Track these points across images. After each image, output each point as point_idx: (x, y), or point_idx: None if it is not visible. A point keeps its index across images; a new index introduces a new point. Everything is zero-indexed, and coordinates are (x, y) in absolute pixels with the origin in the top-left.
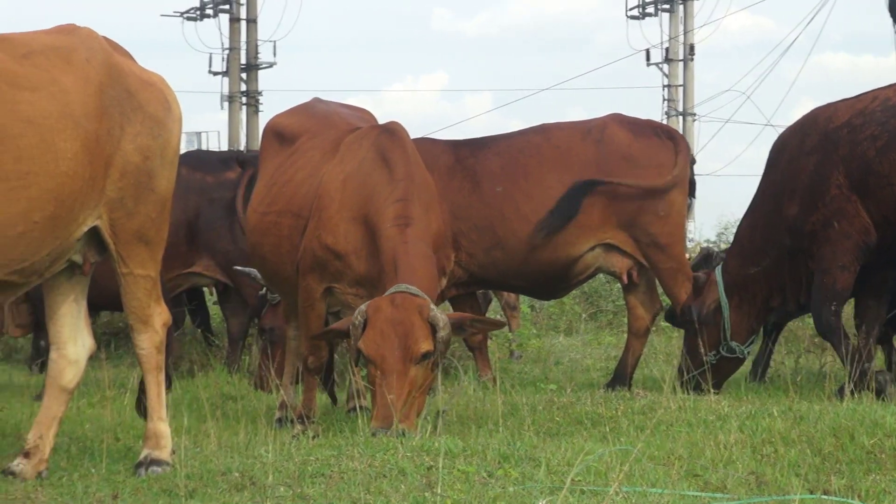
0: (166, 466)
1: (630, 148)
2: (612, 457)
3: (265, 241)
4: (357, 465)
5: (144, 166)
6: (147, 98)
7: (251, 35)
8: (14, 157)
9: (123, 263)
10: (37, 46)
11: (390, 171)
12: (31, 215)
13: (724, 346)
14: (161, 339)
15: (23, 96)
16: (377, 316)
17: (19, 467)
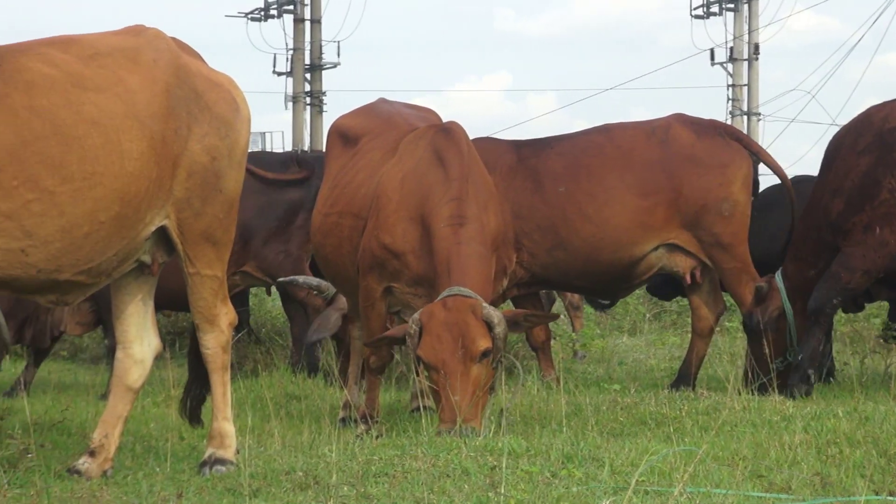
0: (230, 465)
1: (693, 148)
2: (677, 457)
3: (327, 241)
4: (421, 464)
5: (212, 167)
6: (215, 99)
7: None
8: (79, 158)
9: (191, 263)
10: (103, 48)
11: (445, 171)
12: (97, 215)
13: (790, 352)
14: (227, 339)
15: (88, 97)
16: (432, 322)
17: (84, 466)
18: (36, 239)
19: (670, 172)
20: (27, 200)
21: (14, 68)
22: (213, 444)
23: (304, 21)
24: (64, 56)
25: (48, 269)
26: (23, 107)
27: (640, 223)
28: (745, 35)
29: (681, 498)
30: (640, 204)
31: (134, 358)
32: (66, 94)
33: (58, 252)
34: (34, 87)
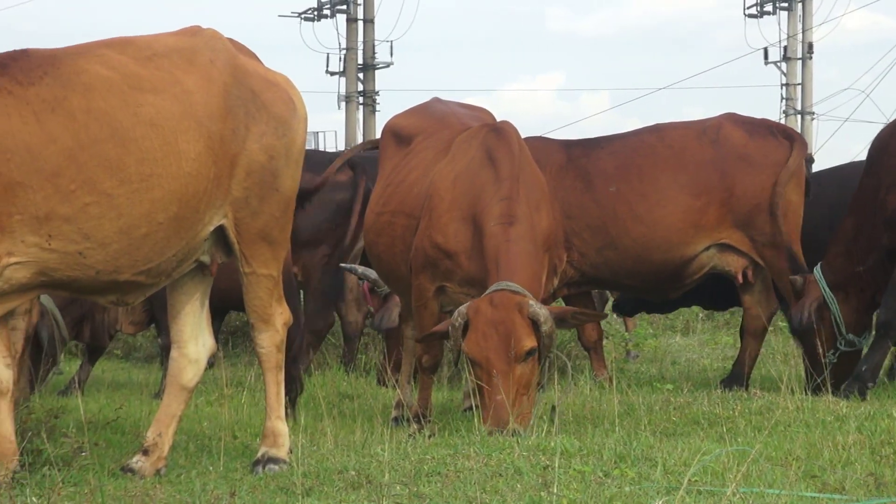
0: (283, 465)
1: (746, 147)
2: (729, 457)
3: (380, 241)
4: (473, 463)
5: (269, 166)
6: (272, 98)
7: (368, 35)
8: (137, 160)
9: (247, 263)
10: (160, 49)
11: (496, 170)
12: (155, 216)
13: (841, 340)
14: (281, 339)
15: (146, 99)
16: (477, 318)
17: (138, 464)
18: (94, 241)
19: (722, 172)
20: (85, 203)
21: (72, 71)
22: (267, 443)
23: (357, 21)
24: (121, 58)
25: (107, 271)
26: (81, 109)
27: (691, 223)
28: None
29: (733, 498)
30: (692, 204)
31: (189, 357)
32: (123, 96)
33: (116, 253)
34: (92, 89)
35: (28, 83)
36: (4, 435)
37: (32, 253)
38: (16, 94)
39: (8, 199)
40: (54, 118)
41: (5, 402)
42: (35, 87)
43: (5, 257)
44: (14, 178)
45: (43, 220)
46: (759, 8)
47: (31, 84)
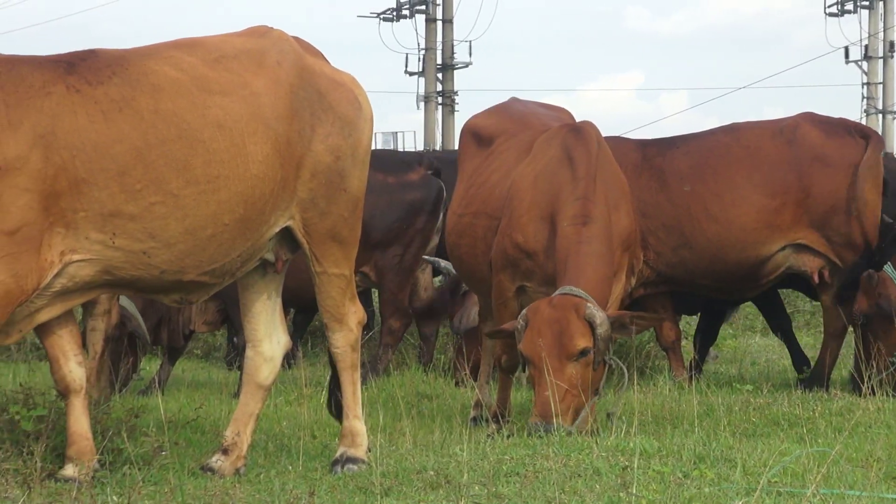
0: (362, 464)
1: (823, 148)
2: (810, 458)
3: (462, 242)
4: (552, 464)
5: (336, 166)
6: (338, 98)
7: (447, 35)
8: (204, 161)
9: (318, 262)
10: (229, 50)
11: (573, 170)
12: (221, 218)
13: None
14: (356, 338)
15: (214, 100)
16: (535, 317)
17: (218, 464)
18: (159, 241)
19: (799, 172)
20: (151, 203)
21: (141, 72)
22: (345, 442)
23: (435, 21)
24: (190, 59)
25: (172, 271)
26: (148, 110)
27: (767, 223)
28: (881, 32)
29: (813, 499)
30: (768, 204)
31: (264, 356)
32: (191, 98)
33: (181, 254)
34: (160, 90)
35: (97, 82)
36: (81, 433)
37: (97, 250)
38: (84, 92)
39: (74, 195)
40: (122, 117)
41: (79, 400)
42: (104, 86)
43: (69, 254)
44: (80, 175)
45: (108, 217)
46: (839, 6)
47: (100, 83)
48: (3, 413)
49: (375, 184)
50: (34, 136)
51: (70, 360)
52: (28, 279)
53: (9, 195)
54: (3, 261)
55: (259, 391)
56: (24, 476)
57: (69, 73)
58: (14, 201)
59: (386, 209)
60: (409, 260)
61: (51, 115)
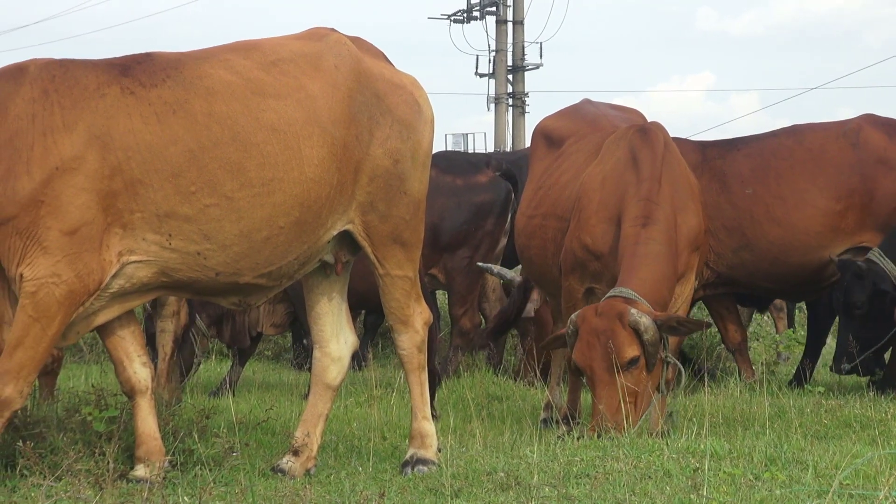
0: (432, 465)
1: (886, 151)
2: (882, 460)
3: (532, 243)
4: (622, 466)
5: (395, 170)
6: (396, 101)
7: (517, 36)
8: (258, 164)
9: (380, 265)
10: (285, 54)
11: (637, 171)
12: (277, 220)
13: None
14: (422, 339)
15: (268, 104)
16: (583, 326)
17: (288, 465)
18: (214, 243)
19: (862, 175)
20: (206, 205)
21: (195, 75)
22: (414, 444)
23: (506, 22)
24: (245, 62)
25: (227, 273)
26: (202, 113)
27: (831, 227)
28: None
29: (886, 502)
30: (831, 207)
31: (331, 356)
32: (245, 101)
33: (237, 256)
34: (214, 93)
35: (151, 85)
36: (149, 433)
37: (154, 252)
38: (138, 94)
39: (129, 196)
40: (175, 120)
41: (145, 400)
42: (157, 89)
43: (127, 254)
44: (135, 175)
45: (164, 218)
46: None
47: (154, 86)
48: (76, 414)
49: (444, 186)
50: (89, 137)
51: (134, 362)
52: (90, 278)
53: (67, 195)
54: (66, 260)
55: (327, 392)
56: (97, 476)
57: (124, 76)
58: (73, 201)
59: (454, 211)
60: (478, 261)
61: (105, 116)
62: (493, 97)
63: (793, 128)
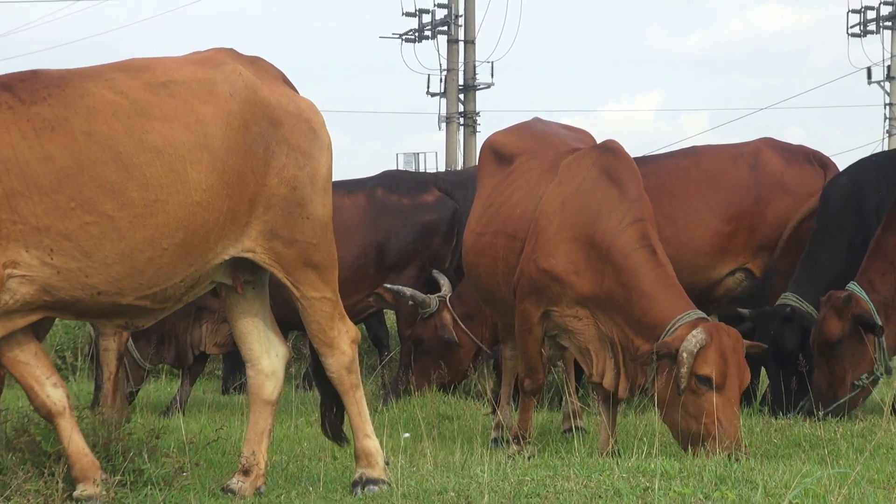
0: (382, 484)
1: (784, 175)
2: (831, 480)
3: (480, 261)
4: (572, 485)
5: (294, 197)
6: (292, 130)
7: (469, 56)
8: (140, 185)
9: (296, 289)
10: (178, 76)
11: (620, 191)
12: (160, 242)
13: (878, 367)
14: (350, 359)
15: (152, 125)
16: (719, 341)
17: (238, 485)
18: (95, 261)
19: (758, 197)
20: (85, 222)
21: (77, 93)
22: (361, 464)
23: (457, 42)
24: (132, 82)
25: (109, 292)
26: (81, 131)
27: (719, 248)
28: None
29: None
30: (722, 229)
31: (264, 372)
32: (128, 121)
33: (119, 275)
34: (95, 112)
35: (31, 101)
36: (79, 451)
37: (36, 266)
38: (16, 110)
39: (9, 206)
40: (53, 137)
41: (65, 420)
42: (38, 105)
43: (11, 266)
44: (14, 187)
45: (43, 231)
46: (862, 27)
47: (34, 103)
48: (24, 434)
49: (390, 205)
50: None
51: (45, 385)
52: None
53: None
54: None
55: (266, 407)
56: (46, 497)
57: (4, 91)
58: None
59: (401, 230)
60: (424, 281)
61: None
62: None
63: (692, 149)
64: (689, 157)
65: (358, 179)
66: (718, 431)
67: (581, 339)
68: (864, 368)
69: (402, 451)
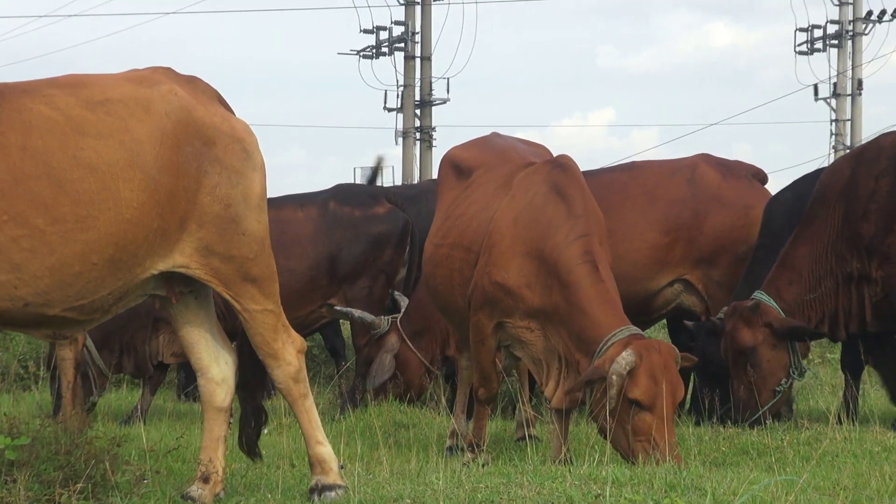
0: (339, 489)
1: (720, 188)
2: (778, 487)
3: (437, 272)
4: (526, 492)
5: (227, 214)
6: (225, 150)
7: (425, 72)
8: (72, 201)
9: (237, 302)
10: (115, 94)
11: (568, 207)
12: (89, 257)
13: (795, 370)
14: (296, 369)
15: (87, 142)
16: (649, 362)
17: (198, 492)
18: (25, 273)
19: (695, 210)
20: (16, 236)
21: (14, 108)
22: (316, 471)
23: (414, 58)
24: (69, 99)
25: (37, 304)
26: (16, 146)
27: (656, 259)
28: (849, 71)
29: None
30: (659, 241)
31: (215, 381)
32: (63, 138)
33: (47, 288)
34: (31, 128)
35: None
36: None
37: None
38: None
39: None
40: None
41: None
42: None
43: None
44: None
45: None
46: (809, 45)
47: None
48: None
49: (342, 217)
50: None
51: None
52: None
53: None
54: None
55: (219, 415)
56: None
57: None
58: None
59: (353, 242)
60: (377, 292)
61: None
62: (401, 131)
63: (631, 164)
64: (627, 172)
65: (311, 193)
66: (653, 450)
67: (533, 350)
68: (782, 374)
69: (359, 459)
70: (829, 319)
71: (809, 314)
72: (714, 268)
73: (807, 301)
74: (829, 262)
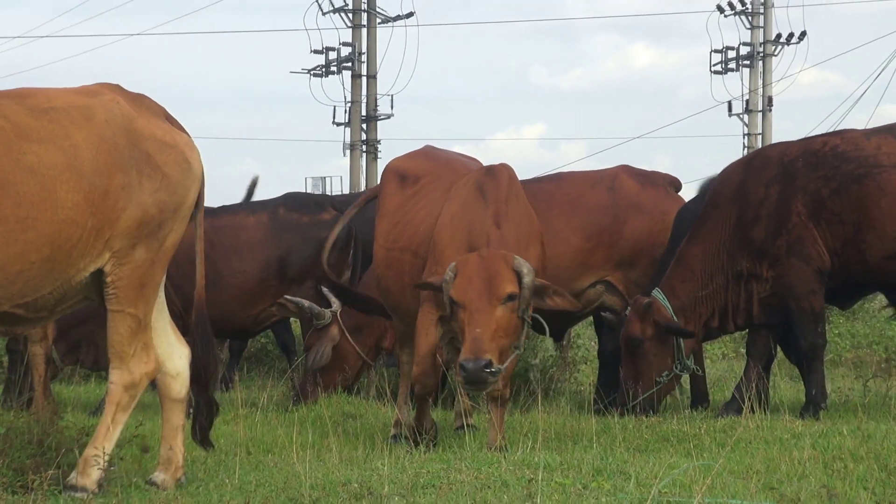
0: (83, 492)
1: (639, 196)
2: (696, 471)
3: (388, 274)
4: (464, 477)
5: (157, 219)
6: (165, 159)
7: (371, 89)
8: (14, 203)
9: (116, 302)
10: (59, 103)
11: (485, 201)
12: (29, 256)
13: (678, 365)
14: (133, 383)
15: (30, 147)
16: (466, 267)
17: (160, 478)
18: None
19: (615, 216)
20: None
21: None
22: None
23: (361, 77)
24: (16, 107)
25: None
26: None
27: (579, 262)
28: (760, 89)
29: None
30: (582, 245)
31: (170, 374)
32: (8, 143)
33: None
34: None
35: None
36: None
37: None
38: None
39: None
40: None
41: None
42: None
43: None
44: None
45: None
46: (723, 65)
47: None
48: None
49: (291, 223)
50: None
51: None
52: None
53: None
54: None
55: (176, 405)
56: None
57: None
58: None
59: (301, 246)
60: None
61: None
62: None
63: (556, 175)
64: (553, 182)
65: (262, 200)
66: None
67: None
68: (664, 366)
69: (310, 447)
70: (719, 314)
71: (701, 309)
72: (633, 269)
73: (699, 297)
74: (721, 260)
